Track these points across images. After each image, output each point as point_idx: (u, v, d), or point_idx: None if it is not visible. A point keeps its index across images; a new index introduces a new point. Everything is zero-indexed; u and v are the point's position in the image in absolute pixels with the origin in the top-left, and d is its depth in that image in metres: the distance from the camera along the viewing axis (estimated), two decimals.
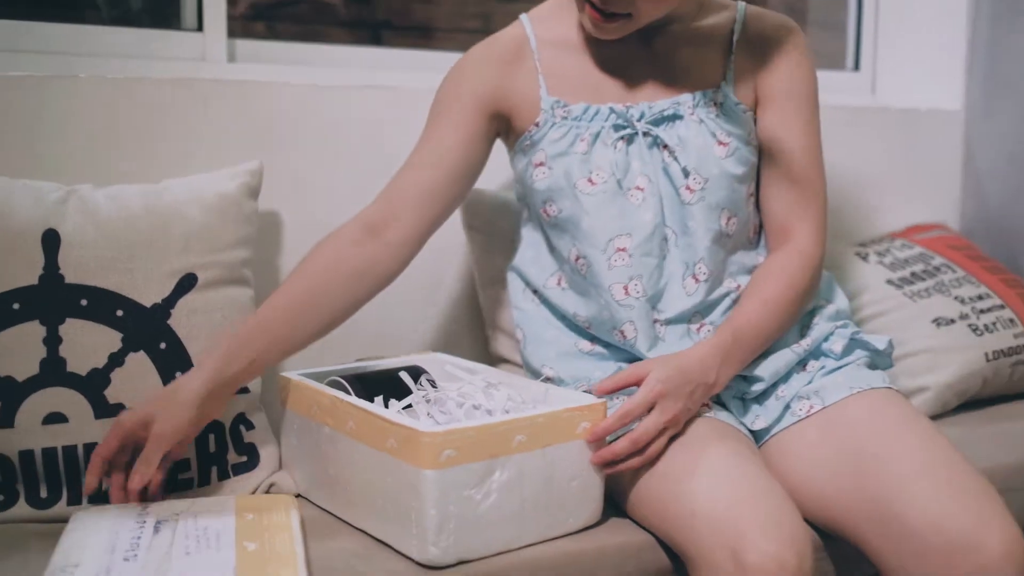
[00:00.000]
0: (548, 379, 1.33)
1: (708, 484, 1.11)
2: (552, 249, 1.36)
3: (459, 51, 1.47)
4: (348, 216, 1.51)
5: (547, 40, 1.34)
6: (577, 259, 1.31)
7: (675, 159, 1.29)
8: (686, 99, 1.31)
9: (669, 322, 1.30)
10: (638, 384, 1.17)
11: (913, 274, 1.78)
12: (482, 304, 1.61)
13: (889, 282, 1.76)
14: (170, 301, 1.24)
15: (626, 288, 1.28)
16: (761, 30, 1.34)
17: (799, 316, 1.31)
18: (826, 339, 1.33)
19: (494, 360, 1.60)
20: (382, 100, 1.57)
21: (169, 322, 1.24)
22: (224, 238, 1.30)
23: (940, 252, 1.85)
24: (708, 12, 1.35)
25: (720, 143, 1.29)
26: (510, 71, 1.32)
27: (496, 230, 1.57)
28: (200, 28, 1.59)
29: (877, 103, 2.25)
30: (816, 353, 1.32)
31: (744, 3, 1.37)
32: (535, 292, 1.39)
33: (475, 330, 1.66)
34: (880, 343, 1.34)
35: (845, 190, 2.03)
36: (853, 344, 1.33)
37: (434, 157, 1.30)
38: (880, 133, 2.09)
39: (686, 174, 1.28)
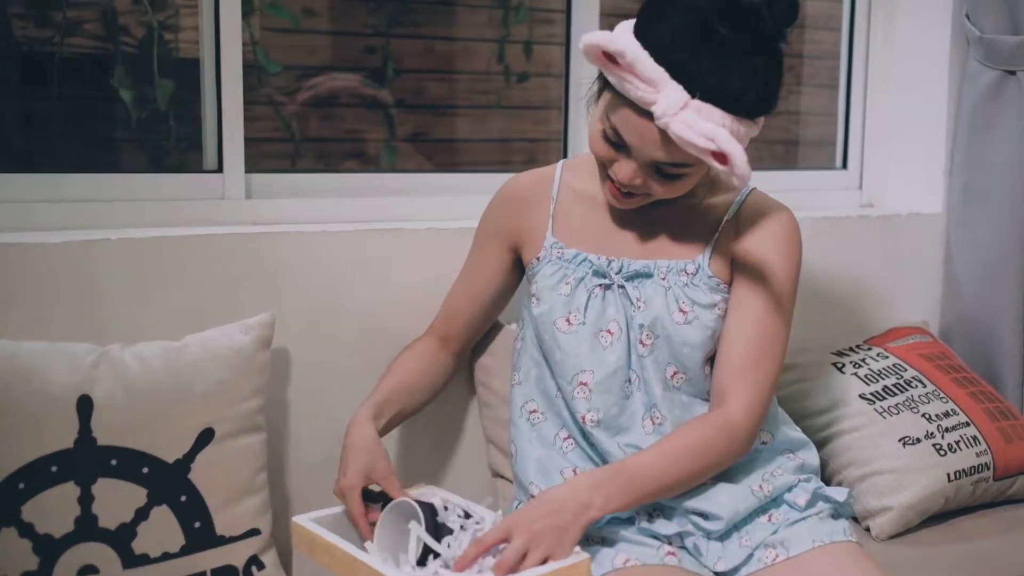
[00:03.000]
0: (531, 496, 1.46)
1: None
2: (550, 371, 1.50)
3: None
4: (351, 352, 1.66)
5: (570, 188, 1.52)
6: (558, 386, 1.47)
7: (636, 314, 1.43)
8: (661, 264, 1.44)
9: (635, 449, 1.43)
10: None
11: (885, 388, 1.89)
12: (483, 424, 1.75)
13: (862, 396, 1.88)
14: (190, 456, 1.38)
15: (584, 417, 1.44)
16: (752, 213, 1.45)
17: (706, 475, 1.39)
18: (789, 490, 1.45)
19: (491, 472, 1.74)
20: (387, 241, 1.71)
21: (189, 476, 1.38)
22: (239, 391, 1.44)
23: (913, 363, 1.96)
24: (717, 191, 1.48)
25: (681, 310, 1.42)
26: (529, 209, 1.52)
27: (494, 356, 1.71)
28: (220, 169, 1.73)
29: (863, 200, 2.37)
30: (779, 502, 1.45)
31: (752, 188, 1.48)
32: (532, 412, 1.51)
33: (480, 447, 1.80)
34: (840, 495, 1.47)
35: (830, 292, 2.15)
36: (816, 497, 1.46)
37: (476, 289, 1.60)
38: (864, 237, 2.20)
39: (640, 329, 1.42)
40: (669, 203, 1.46)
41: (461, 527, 1.32)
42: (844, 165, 2.41)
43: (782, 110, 1.36)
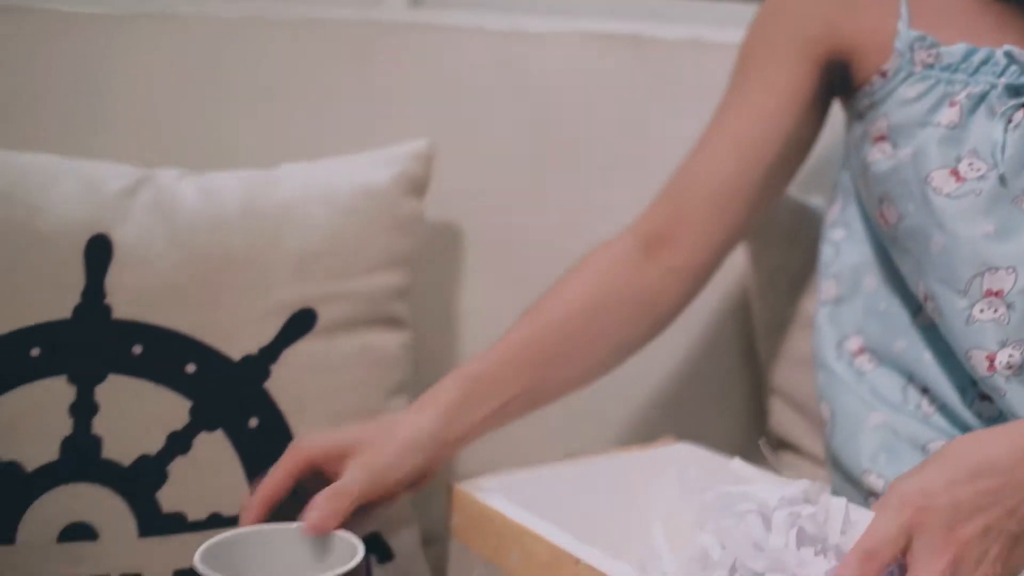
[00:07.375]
0: (873, 494, 0.82)
1: None
2: (900, 278, 0.86)
3: None
4: (559, 229, 1.05)
5: None
6: (926, 298, 0.81)
7: None
8: None
9: None
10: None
11: None
12: (761, 357, 1.10)
13: None
14: (271, 352, 0.80)
15: (992, 359, 0.75)
16: None
17: None
18: None
19: (772, 442, 1.08)
20: (619, 50, 1.08)
21: (266, 384, 0.80)
22: (365, 255, 0.85)
23: None
24: None
25: None
26: None
27: (791, 251, 1.06)
28: None
29: None
30: None
31: None
32: (858, 353, 0.87)
33: (748, 393, 1.15)
34: None
35: None
36: None
37: (736, 137, 0.89)
38: None
39: None
40: None
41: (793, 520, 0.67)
42: None
43: None
